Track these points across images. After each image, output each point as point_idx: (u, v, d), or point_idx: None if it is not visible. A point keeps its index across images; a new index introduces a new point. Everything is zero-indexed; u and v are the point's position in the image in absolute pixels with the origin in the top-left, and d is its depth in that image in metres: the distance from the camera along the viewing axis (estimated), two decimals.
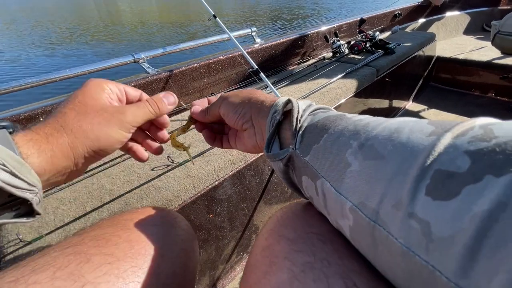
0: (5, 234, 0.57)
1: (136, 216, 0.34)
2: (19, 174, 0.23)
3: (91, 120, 0.29)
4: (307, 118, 0.28)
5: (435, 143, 0.17)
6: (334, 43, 1.55)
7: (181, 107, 1.05)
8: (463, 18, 2.64)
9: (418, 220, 0.15)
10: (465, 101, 1.94)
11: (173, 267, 0.31)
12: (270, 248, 0.26)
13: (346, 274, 0.21)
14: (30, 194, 0.25)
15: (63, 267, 0.25)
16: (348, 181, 0.20)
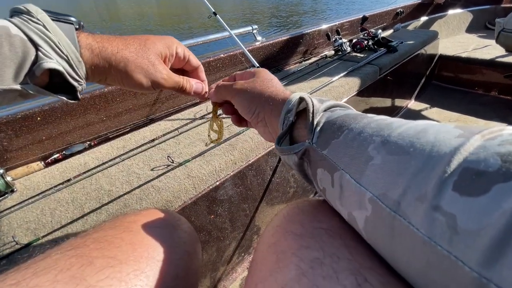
0: (0, 236, 0.55)
1: (139, 218, 0.34)
2: (76, 68, 0.30)
3: (137, 58, 0.34)
4: (324, 115, 0.28)
5: (464, 143, 0.17)
6: (336, 41, 1.53)
7: (181, 106, 1.04)
8: (466, 16, 2.61)
9: (444, 213, 0.16)
10: (468, 100, 1.92)
11: (176, 270, 0.31)
12: (276, 245, 0.26)
13: (357, 270, 0.20)
14: (78, 84, 0.32)
15: (65, 270, 0.24)
16: (370, 173, 0.21)
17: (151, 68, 0.35)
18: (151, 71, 0.35)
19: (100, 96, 0.85)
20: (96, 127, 0.87)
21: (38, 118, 0.75)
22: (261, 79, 0.36)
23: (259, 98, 0.34)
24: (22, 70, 0.27)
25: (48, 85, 0.30)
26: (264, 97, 0.34)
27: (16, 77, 0.27)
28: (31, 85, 0.28)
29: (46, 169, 0.76)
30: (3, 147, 0.72)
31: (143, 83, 0.35)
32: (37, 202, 0.63)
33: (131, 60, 0.34)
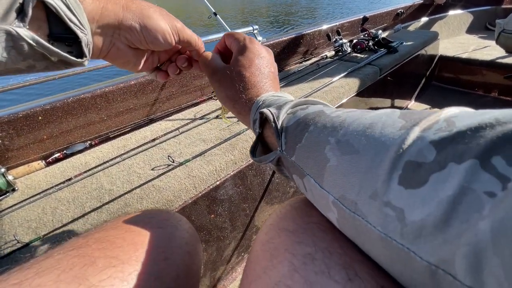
0: (2, 235, 0.56)
1: (141, 218, 0.34)
2: (74, 10, 0.25)
3: (150, 5, 0.32)
4: (286, 118, 0.29)
5: (404, 137, 0.18)
6: (337, 41, 1.54)
7: (181, 105, 1.04)
8: (466, 17, 2.61)
9: (393, 208, 0.16)
10: (468, 101, 1.92)
11: (178, 271, 0.31)
12: (270, 242, 0.26)
13: (348, 264, 0.21)
14: (81, 33, 0.26)
15: (67, 269, 0.24)
16: (328, 176, 0.22)
17: (167, 14, 0.33)
18: (167, 16, 0.33)
19: (101, 95, 0.85)
20: (97, 127, 0.87)
21: (40, 117, 0.76)
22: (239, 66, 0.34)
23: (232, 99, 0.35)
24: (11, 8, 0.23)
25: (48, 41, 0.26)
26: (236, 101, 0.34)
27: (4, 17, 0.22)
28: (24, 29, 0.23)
29: (47, 168, 0.76)
30: (5, 146, 0.73)
31: (162, 27, 0.32)
32: (38, 201, 0.64)
33: (144, 3, 0.31)
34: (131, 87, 0.91)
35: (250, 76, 0.34)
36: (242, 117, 0.35)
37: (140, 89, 0.93)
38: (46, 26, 0.25)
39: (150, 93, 0.96)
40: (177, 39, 0.34)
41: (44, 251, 0.28)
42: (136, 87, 0.92)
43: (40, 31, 0.25)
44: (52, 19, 0.25)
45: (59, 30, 0.25)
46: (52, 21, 0.25)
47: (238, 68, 0.34)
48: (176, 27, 0.33)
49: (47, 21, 0.25)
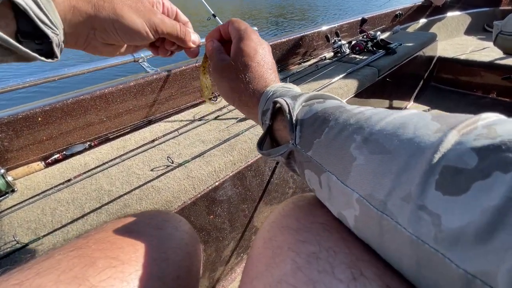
0: (1, 236, 0.56)
1: (141, 219, 0.34)
2: (44, 8, 0.24)
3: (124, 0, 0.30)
4: (301, 110, 0.28)
5: (442, 139, 0.17)
6: (335, 42, 1.54)
7: (181, 107, 1.04)
8: (464, 18, 2.63)
9: (429, 212, 0.16)
10: (466, 102, 1.93)
11: (178, 271, 0.31)
12: (272, 240, 0.26)
13: (353, 263, 0.21)
14: (52, 32, 0.25)
15: (68, 270, 0.24)
16: (354, 174, 0.21)
17: (143, 9, 0.30)
18: (144, 11, 0.30)
19: (101, 96, 0.85)
20: (96, 128, 0.87)
21: (39, 118, 0.76)
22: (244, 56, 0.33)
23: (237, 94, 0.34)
24: None
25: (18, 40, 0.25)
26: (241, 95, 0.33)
27: None
28: None
29: (47, 169, 0.76)
30: (4, 147, 0.73)
31: (138, 26, 0.30)
32: (38, 202, 0.64)
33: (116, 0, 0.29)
34: (130, 88, 0.91)
35: (256, 66, 0.33)
36: (248, 109, 0.34)
37: (140, 90, 0.93)
38: (14, 24, 0.24)
39: (149, 94, 0.96)
40: (156, 34, 0.33)
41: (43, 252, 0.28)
42: (136, 88, 0.92)
43: (7, 28, 0.24)
44: (21, 17, 0.24)
45: (28, 28, 0.24)
46: (21, 19, 0.24)
47: (243, 58, 0.33)
48: (154, 22, 0.31)
49: (15, 19, 0.24)
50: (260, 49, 0.34)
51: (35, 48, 0.25)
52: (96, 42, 0.31)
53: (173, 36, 0.34)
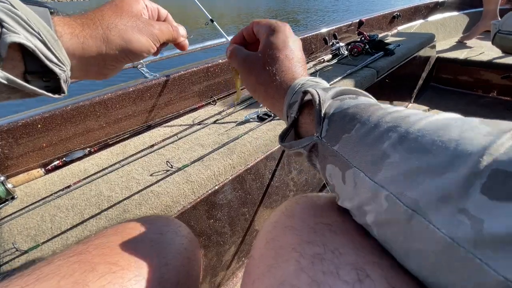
0: (1, 243, 0.56)
1: (140, 224, 0.34)
2: (51, 47, 0.25)
3: (126, 22, 0.31)
4: (332, 104, 0.27)
5: (493, 142, 0.16)
6: (334, 45, 1.55)
7: (180, 111, 1.05)
8: (462, 18, 2.64)
9: (470, 216, 0.15)
10: (466, 101, 1.93)
11: (178, 276, 0.31)
12: (275, 240, 0.25)
13: (359, 265, 0.20)
14: (59, 70, 0.26)
15: (68, 275, 0.24)
16: (386, 172, 0.20)
17: (143, 26, 0.33)
18: (145, 28, 0.33)
19: (100, 102, 0.86)
20: (96, 134, 0.88)
21: (39, 125, 0.76)
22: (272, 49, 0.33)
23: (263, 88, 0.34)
24: None
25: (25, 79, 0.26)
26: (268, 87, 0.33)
27: None
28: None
29: (47, 176, 0.77)
30: (4, 155, 0.73)
31: (146, 44, 0.33)
32: (37, 209, 0.64)
33: (120, 25, 0.31)
34: (130, 94, 0.91)
35: (284, 59, 0.33)
36: (274, 101, 0.34)
37: (139, 95, 0.94)
38: (22, 65, 0.25)
39: (148, 100, 0.97)
40: (158, 44, 0.35)
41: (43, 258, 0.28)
42: (135, 94, 0.93)
43: (15, 69, 0.25)
44: (28, 57, 0.25)
45: (36, 67, 0.25)
46: (29, 59, 0.25)
47: (272, 51, 0.33)
48: (155, 35, 0.33)
49: (22, 60, 0.25)
50: (290, 42, 0.34)
51: (43, 85, 0.26)
52: (106, 70, 0.32)
53: (170, 39, 0.36)
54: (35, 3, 0.27)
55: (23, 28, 0.24)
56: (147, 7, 0.35)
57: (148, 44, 0.33)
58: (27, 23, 0.24)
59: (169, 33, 0.36)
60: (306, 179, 1.09)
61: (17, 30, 0.23)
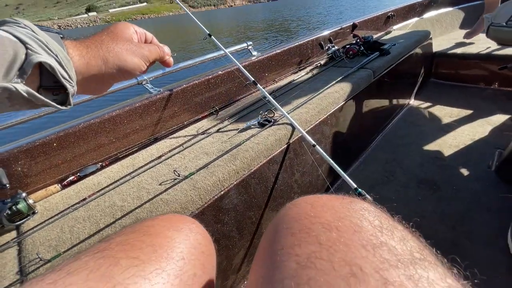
0: (26, 254, 0.60)
1: (157, 222, 0.37)
2: (65, 67, 0.30)
3: (121, 46, 0.37)
4: None
5: None
6: (329, 49, 1.59)
7: (184, 122, 1.10)
8: (458, 13, 2.65)
9: None
10: (467, 94, 1.93)
11: (194, 269, 0.33)
12: (276, 242, 0.27)
13: (353, 261, 0.22)
14: (69, 85, 0.31)
15: (95, 270, 0.27)
16: None
17: (136, 48, 0.38)
18: (137, 50, 0.38)
19: (109, 119, 0.91)
20: (106, 149, 0.93)
21: (54, 144, 0.82)
22: None
23: None
24: (12, 68, 0.27)
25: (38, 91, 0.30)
26: None
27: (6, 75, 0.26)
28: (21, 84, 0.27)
29: (63, 191, 0.82)
30: (24, 173, 0.79)
31: (138, 64, 0.38)
32: (57, 221, 0.68)
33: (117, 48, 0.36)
34: (136, 109, 0.97)
35: None
36: None
37: (145, 110, 0.99)
38: (38, 80, 0.30)
39: (154, 114, 1.02)
40: (148, 63, 0.40)
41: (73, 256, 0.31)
42: (141, 109, 0.98)
43: (32, 84, 0.29)
44: (44, 74, 0.29)
45: (49, 83, 0.30)
46: (45, 75, 0.30)
47: None
48: (146, 56, 0.39)
49: (39, 76, 0.29)
50: None
51: (52, 99, 0.31)
52: (101, 86, 0.38)
53: (157, 59, 0.42)
54: (47, 30, 0.32)
55: (43, 50, 0.29)
56: (136, 32, 0.41)
57: (140, 64, 0.38)
58: (47, 46, 0.29)
59: (156, 53, 0.41)
60: (310, 181, 1.12)
61: (39, 52, 0.28)
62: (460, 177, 1.23)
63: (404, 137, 1.59)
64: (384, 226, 0.26)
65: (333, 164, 0.86)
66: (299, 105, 1.07)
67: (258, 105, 1.16)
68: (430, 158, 1.38)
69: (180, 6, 1.10)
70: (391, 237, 0.25)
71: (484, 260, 0.89)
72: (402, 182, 1.26)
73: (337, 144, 1.24)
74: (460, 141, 1.46)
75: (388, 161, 1.42)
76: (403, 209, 1.12)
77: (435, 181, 1.24)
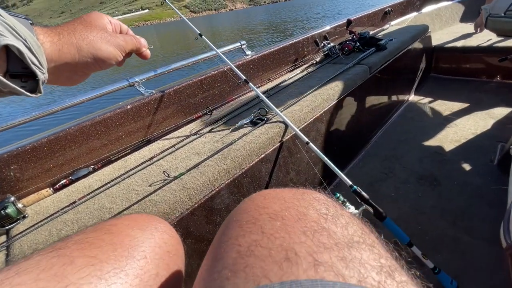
0: (13, 259, 0.60)
1: (120, 221, 0.35)
2: (35, 52, 0.29)
3: (95, 34, 0.36)
4: None
5: None
6: (325, 46, 1.58)
7: (178, 123, 1.09)
8: (457, 6, 2.61)
9: None
10: (468, 88, 1.89)
11: (157, 269, 0.32)
12: (224, 234, 0.27)
13: (289, 246, 0.22)
14: (40, 72, 0.29)
15: (47, 269, 0.26)
16: None
17: (110, 38, 0.37)
18: (112, 39, 0.37)
19: (100, 122, 0.91)
20: (99, 152, 0.93)
21: (45, 148, 0.82)
22: None
23: None
24: None
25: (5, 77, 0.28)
26: None
27: None
28: None
29: (55, 195, 0.81)
30: (16, 178, 0.79)
31: (113, 53, 0.37)
32: (46, 225, 0.68)
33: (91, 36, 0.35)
34: (128, 111, 0.96)
35: None
36: None
37: (137, 112, 0.99)
38: (5, 66, 0.28)
39: (146, 116, 1.02)
40: (123, 53, 0.39)
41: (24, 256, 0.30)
42: (133, 111, 0.98)
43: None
44: (11, 59, 0.27)
45: (17, 68, 0.28)
46: (12, 60, 0.28)
47: None
48: (121, 45, 0.38)
49: (6, 61, 0.27)
50: None
51: (20, 86, 0.29)
52: (76, 76, 0.36)
53: (133, 49, 0.41)
54: (16, 15, 0.31)
55: (11, 34, 0.27)
56: (111, 22, 0.40)
57: (115, 53, 0.37)
58: (15, 30, 0.27)
59: (133, 44, 0.41)
60: (306, 179, 1.10)
61: (6, 35, 0.26)
62: (461, 172, 1.20)
63: (404, 133, 1.56)
64: (330, 214, 0.26)
65: (327, 161, 0.85)
66: (292, 103, 1.06)
67: (252, 104, 1.15)
68: (430, 153, 1.36)
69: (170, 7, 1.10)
70: (334, 223, 0.25)
71: (485, 255, 0.86)
72: (402, 179, 1.24)
73: (334, 141, 1.22)
74: (462, 135, 1.42)
75: (388, 158, 1.39)
76: (403, 206, 1.10)
77: (436, 176, 1.21)
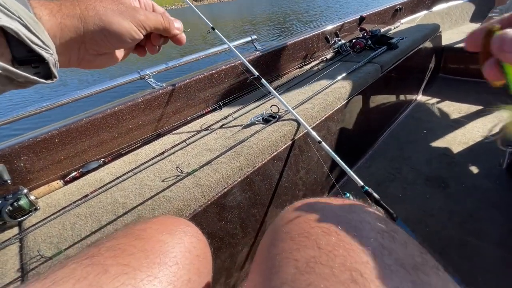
0: (27, 251, 0.60)
1: (149, 225, 0.35)
2: (34, 30, 0.24)
3: (106, 5, 0.30)
4: None
5: None
6: (335, 43, 1.55)
7: (188, 118, 1.08)
8: (468, 6, 2.57)
9: None
10: (477, 90, 1.87)
11: (188, 274, 0.32)
12: (275, 246, 0.27)
13: (353, 266, 0.21)
14: (46, 53, 0.25)
15: (82, 278, 0.25)
16: None
17: (126, 10, 0.31)
18: (128, 12, 0.31)
19: (111, 114, 0.90)
20: (109, 145, 0.92)
21: (56, 139, 0.81)
22: None
23: None
24: None
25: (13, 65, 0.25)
26: None
27: None
28: None
29: (66, 187, 0.81)
30: (26, 169, 0.78)
31: (126, 27, 0.30)
32: (59, 218, 0.68)
33: (99, 6, 0.29)
34: (139, 104, 0.95)
35: None
36: None
37: (147, 105, 0.98)
38: (8, 52, 0.24)
39: (156, 109, 1.00)
40: (144, 30, 0.33)
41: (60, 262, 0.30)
42: (143, 104, 0.97)
43: (3, 57, 0.23)
44: (13, 43, 0.24)
45: (23, 53, 0.24)
46: (14, 45, 0.24)
47: None
48: (139, 20, 0.31)
49: (8, 46, 0.24)
50: None
51: (33, 72, 0.26)
52: (88, 55, 0.31)
53: (159, 28, 0.34)
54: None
55: (2, 13, 0.22)
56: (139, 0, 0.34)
57: (129, 28, 0.31)
58: (5, 7, 0.23)
59: (157, 22, 0.33)
60: (315, 178, 1.10)
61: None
62: (469, 175, 1.20)
63: (412, 133, 1.55)
64: (385, 229, 0.25)
65: (339, 161, 0.84)
66: (304, 101, 1.05)
67: (263, 100, 1.14)
68: (438, 154, 1.35)
69: None
70: (391, 241, 0.24)
71: (492, 259, 0.86)
72: (410, 180, 1.24)
73: (343, 140, 1.21)
74: (470, 137, 1.42)
75: (395, 158, 1.39)
76: (410, 207, 1.10)
77: (444, 178, 1.21)
